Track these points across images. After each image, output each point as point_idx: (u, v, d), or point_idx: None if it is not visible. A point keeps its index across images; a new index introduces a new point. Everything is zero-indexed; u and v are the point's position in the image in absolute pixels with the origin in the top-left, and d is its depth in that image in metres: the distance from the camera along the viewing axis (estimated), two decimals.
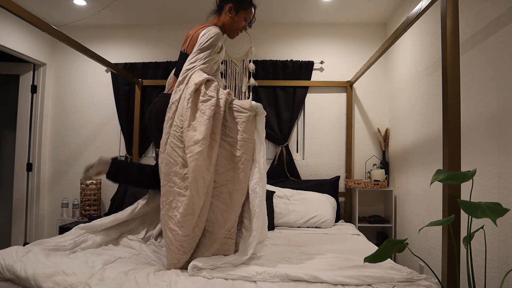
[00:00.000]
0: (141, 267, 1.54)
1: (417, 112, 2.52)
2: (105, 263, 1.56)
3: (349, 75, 3.29)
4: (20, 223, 3.31)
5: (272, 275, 1.42)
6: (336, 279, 1.37)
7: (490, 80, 1.63)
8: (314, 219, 2.74)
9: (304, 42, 3.41)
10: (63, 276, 1.31)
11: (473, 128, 1.75)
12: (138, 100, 3.35)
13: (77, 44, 2.29)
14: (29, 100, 3.38)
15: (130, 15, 3.28)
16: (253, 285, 1.38)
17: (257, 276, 1.42)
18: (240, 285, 1.37)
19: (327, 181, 3.12)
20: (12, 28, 2.99)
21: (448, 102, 1.35)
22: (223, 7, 2.01)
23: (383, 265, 1.47)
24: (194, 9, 3.13)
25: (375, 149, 3.31)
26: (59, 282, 1.29)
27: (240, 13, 2.00)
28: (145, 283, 1.35)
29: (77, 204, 3.23)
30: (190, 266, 1.48)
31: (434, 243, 2.19)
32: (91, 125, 3.49)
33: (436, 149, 2.19)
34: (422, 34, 2.45)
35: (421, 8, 1.64)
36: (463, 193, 1.41)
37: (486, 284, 1.53)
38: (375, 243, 2.73)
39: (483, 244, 1.57)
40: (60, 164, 3.49)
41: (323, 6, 3.03)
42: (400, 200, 2.87)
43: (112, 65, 2.83)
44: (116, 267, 1.49)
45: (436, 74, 2.22)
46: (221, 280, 1.41)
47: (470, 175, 1.10)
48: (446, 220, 1.10)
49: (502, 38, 1.55)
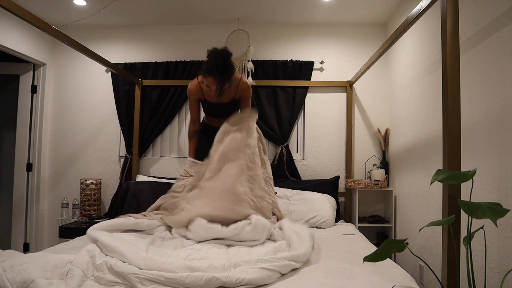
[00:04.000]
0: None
1: (417, 112, 2.52)
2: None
3: (349, 75, 3.29)
4: (20, 223, 3.31)
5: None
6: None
7: (490, 80, 1.63)
8: (314, 219, 2.74)
9: (304, 42, 3.41)
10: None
11: (473, 128, 1.75)
12: (138, 100, 3.35)
13: (77, 44, 2.29)
14: (29, 100, 3.38)
15: (130, 15, 3.27)
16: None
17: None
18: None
19: (327, 181, 3.12)
20: (12, 28, 2.99)
21: (448, 102, 1.35)
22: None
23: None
24: (194, 9, 3.12)
25: (375, 149, 3.31)
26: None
27: (203, 80, 2.24)
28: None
29: (77, 204, 3.23)
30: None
31: (434, 243, 2.19)
32: (91, 125, 3.49)
33: (436, 149, 2.19)
34: (422, 34, 2.45)
35: (421, 8, 1.64)
36: (463, 193, 1.41)
37: (486, 284, 1.53)
38: (375, 243, 2.73)
39: (483, 244, 1.57)
40: (60, 164, 3.49)
41: (323, 6, 3.03)
42: (400, 200, 2.87)
43: (112, 65, 2.83)
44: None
45: (436, 74, 2.22)
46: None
47: (470, 175, 1.10)
48: (446, 220, 1.10)
49: (502, 38, 1.55)
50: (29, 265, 1.35)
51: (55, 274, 1.37)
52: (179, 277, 1.31)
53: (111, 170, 3.44)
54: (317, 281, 1.42)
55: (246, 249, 1.75)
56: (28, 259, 1.41)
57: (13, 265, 1.35)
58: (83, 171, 3.45)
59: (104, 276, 1.38)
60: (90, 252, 1.51)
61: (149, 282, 1.31)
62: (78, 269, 1.39)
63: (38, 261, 1.40)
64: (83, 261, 1.44)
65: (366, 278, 1.45)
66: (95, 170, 3.45)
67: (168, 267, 1.36)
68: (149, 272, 1.34)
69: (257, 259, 1.48)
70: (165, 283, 1.31)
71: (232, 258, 1.51)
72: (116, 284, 1.35)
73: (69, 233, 2.93)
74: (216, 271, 1.38)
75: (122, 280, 1.36)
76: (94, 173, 3.45)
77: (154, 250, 1.64)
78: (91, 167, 3.46)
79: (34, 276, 1.30)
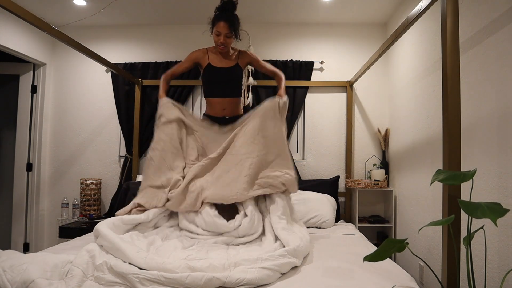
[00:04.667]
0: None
1: (417, 112, 2.52)
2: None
3: (349, 75, 3.29)
4: (20, 223, 3.31)
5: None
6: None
7: (490, 80, 1.63)
8: (314, 219, 2.73)
9: (304, 42, 3.41)
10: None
11: (473, 128, 1.75)
12: (138, 100, 3.35)
13: (77, 44, 2.29)
14: (29, 100, 3.38)
15: (130, 15, 3.27)
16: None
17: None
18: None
19: (327, 181, 3.12)
20: (12, 28, 2.99)
21: (448, 102, 1.35)
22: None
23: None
24: (194, 9, 3.13)
25: (375, 149, 3.31)
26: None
27: (213, 30, 2.28)
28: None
29: (77, 204, 3.23)
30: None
31: (434, 243, 2.19)
32: (91, 125, 3.49)
33: (436, 149, 2.19)
34: (422, 34, 2.45)
35: (421, 8, 1.64)
36: (463, 193, 1.41)
37: (486, 284, 1.53)
38: (375, 243, 2.73)
39: (483, 244, 1.57)
40: (60, 164, 3.49)
41: (323, 6, 3.03)
42: (400, 200, 2.87)
43: (112, 65, 2.83)
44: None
45: (436, 74, 2.22)
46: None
47: (470, 175, 1.10)
48: (446, 220, 1.10)
49: (502, 38, 1.55)
50: (29, 265, 1.35)
51: (55, 274, 1.36)
52: (179, 277, 1.31)
53: (111, 170, 3.44)
54: (317, 281, 1.43)
55: (245, 249, 1.76)
56: (28, 259, 1.40)
57: (12, 265, 1.35)
58: (83, 171, 3.45)
59: (104, 276, 1.38)
60: (90, 252, 1.51)
61: (149, 282, 1.31)
62: (78, 269, 1.39)
63: (38, 261, 1.39)
64: (83, 261, 1.44)
65: (366, 278, 1.45)
66: (95, 170, 3.45)
67: (168, 267, 1.36)
68: (149, 273, 1.34)
69: (257, 257, 1.49)
70: (165, 283, 1.31)
71: (232, 258, 1.51)
72: (116, 284, 1.35)
73: (69, 233, 2.93)
74: (216, 270, 1.38)
75: (122, 280, 1.36)
76: (94, 173, 3.45)
77: (154, 250, 1.64)
78: (91, 167, 3.46)
79: (34, 276, 1.29)
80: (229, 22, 2.24)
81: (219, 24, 2.24)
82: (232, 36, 2.30)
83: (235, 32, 2.30)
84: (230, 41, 2.32)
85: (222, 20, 2.22)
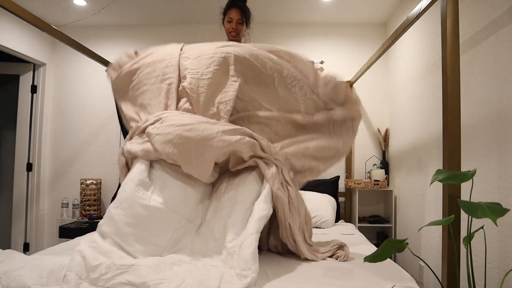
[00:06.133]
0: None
1: (417, 112, 2.52)
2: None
3: (349, 75, 3.29)
4: (20, 223, 3.31)
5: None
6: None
7: (490, 80, 1.63)
8: (314, 219, 2.73)
9: (304, 42, 3.41)
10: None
11: (473, 128, 1.75)
12: None
13: (77, 44, 2.29)
14: (29, 100, 3.38)
15: (130, 15, 3.28)
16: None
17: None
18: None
19: (327, 181, 3.12)
20: (12, 28, 2.99)
21: (448, 102, 1.35)
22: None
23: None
24: (194, 9, 3.13)
25: (375, 149, 3.31)
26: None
27: (225, 18, 2.31)
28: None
29: (77, 204, 3.23)
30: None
31: (434, 243, 2.19)
32: (91, 125, 3.49)
33: (436, 149, 2.19)
34: (422, 34, 2.45)
35: (421, 8, 1.64)
36: (463, 193, 1.41)
37: (486, 284, 1.53)
38: (375, 243, 2.73)
39: (483, 244, 1.57)
40: (60, 164, 3.49)
41: (323, 6, 3.03)
42: (400, 200, 2.87)
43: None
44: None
45: (436, 74, 2.22)
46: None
47: (470, 175, 1.10)
48: (446, 220, 1.10)
49: (502, 38, 1.55)
50: (24, 271, 1.30)
51: (51, 280, 1.32)
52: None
53: (111, 170, 3.44)
54: (317, 281, 1.42)
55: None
56: (23, 264, 1.36)
57: (7, 270, 1.30)
58: (83, 171, 3.45)
59: (99, 277, 1.36)
60: (82, 252, 1.45)
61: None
62: (72, 273, 1.35)
63: (33, 266, 1.35)
64: (75, 263, 1.39)
65: (366, 278, 1.45)
66: (95, 170, 3.45)
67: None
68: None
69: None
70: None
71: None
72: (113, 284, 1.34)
73: (69, 233, 2.93)
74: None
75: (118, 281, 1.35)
76: (94, 173, 3.45)
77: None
78: (91, 167, 3.46)
79: (30, 283, 1.26)
80: (241, 9, 2.26)
81: (231, 10, 2.27)
82: (243, 23, 2.30)
83: (246, 20, 2.30)
84: (242, 28, 2.31)
85: (234, 7, 2.26)
